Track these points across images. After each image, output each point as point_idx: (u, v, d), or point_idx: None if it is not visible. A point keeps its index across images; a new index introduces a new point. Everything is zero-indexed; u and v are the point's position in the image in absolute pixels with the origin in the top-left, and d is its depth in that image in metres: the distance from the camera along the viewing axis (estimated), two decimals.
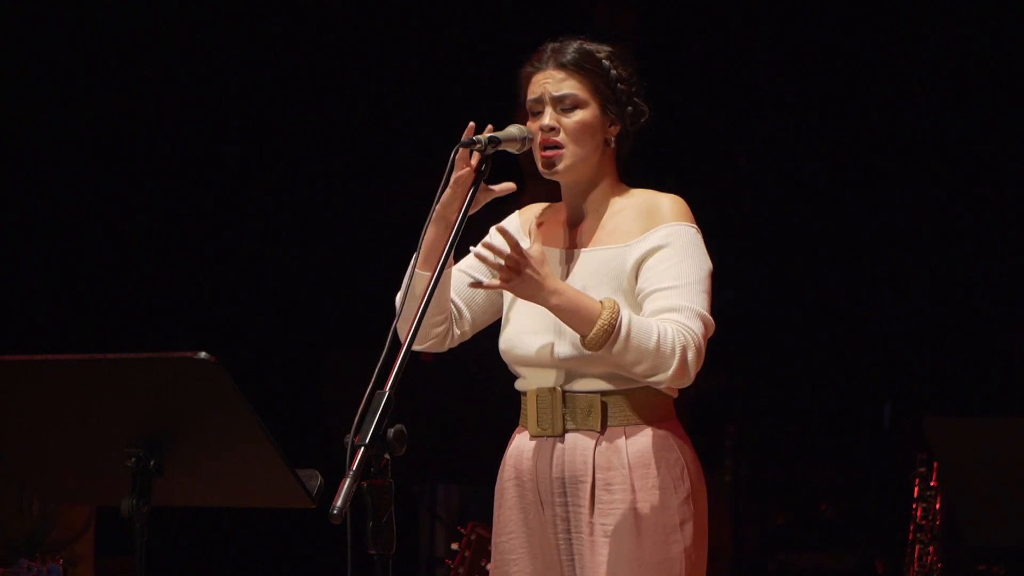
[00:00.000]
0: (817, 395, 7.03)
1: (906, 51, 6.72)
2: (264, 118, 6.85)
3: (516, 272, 3.24)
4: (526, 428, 3.49)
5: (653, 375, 3.30)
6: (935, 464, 5.26)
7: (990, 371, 6.55)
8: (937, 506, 5.33)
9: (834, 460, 7.00)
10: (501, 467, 3.54)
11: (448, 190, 3.37)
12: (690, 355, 3.29)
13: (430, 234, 3.39)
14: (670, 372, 3.29)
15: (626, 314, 3.28)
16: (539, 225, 3.52)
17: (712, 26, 6.89)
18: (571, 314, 3.28)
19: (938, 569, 5.31)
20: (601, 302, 3.28)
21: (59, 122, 6.60)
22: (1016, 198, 6.56)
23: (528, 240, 3.44)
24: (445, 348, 3.59)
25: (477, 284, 3.35)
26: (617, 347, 3.26)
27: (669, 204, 3.44)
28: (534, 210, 3.61)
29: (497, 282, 3.28)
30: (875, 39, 6.76)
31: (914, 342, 6.79)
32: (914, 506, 5.36)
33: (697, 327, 3.31)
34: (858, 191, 6.90)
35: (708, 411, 6.73)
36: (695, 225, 3.44)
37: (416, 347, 3.38)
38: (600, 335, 3.25)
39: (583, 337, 3.28)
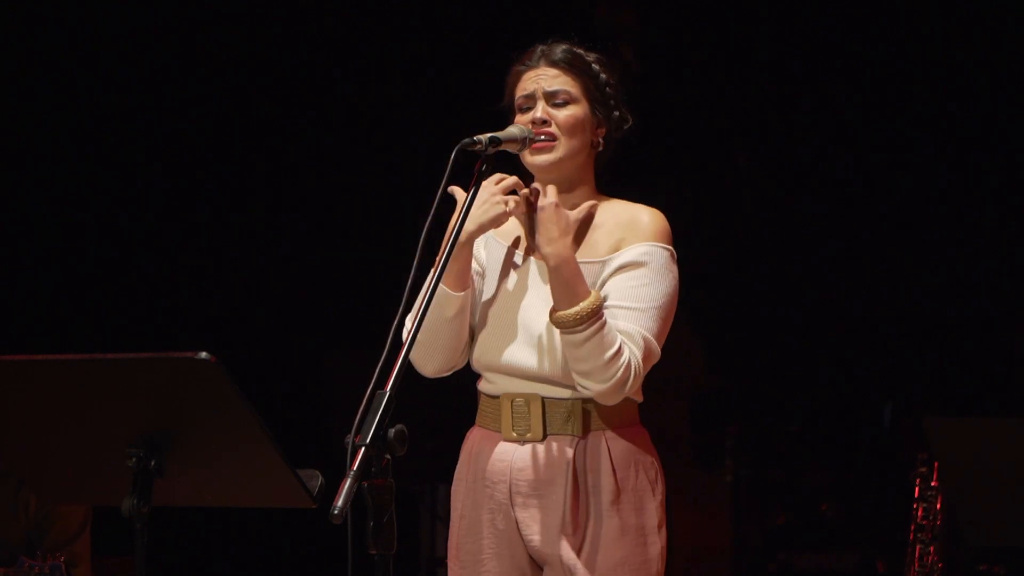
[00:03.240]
0: (817, 395, 7.03)
1: (906, 51, 6.71)
2: (264, 118, 6.85)
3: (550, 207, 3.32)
4: (490, 430, 3.48)
5: (586, 380, 3.31)
6: (935, 464, 5.26)
7: (990, 371, 6.55)
8: (938, 506, 5.33)
9: (835, 460, 7.00)
10: (459, 468, 3.54)
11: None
12: (630, 381, 3.31)
13: (463, 256, 3.40)
14: (603, 387, 3.30)
15: (602, 321, 3.29)
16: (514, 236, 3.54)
17: (712, 26, 6.89)
18: (563, 282, 3.31)
19: (939, 569, 5.31)
20: (592, 292, 3.31)
21: (59, 122, 6.60)
22: (1016, 198, 6.56)
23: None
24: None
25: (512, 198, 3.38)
26: (575, 338, 3.28)
27: (649, 219, 3.43)
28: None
29: (522, 205, 3.35)
30: (875, 39, 6.76)
31: (914, 342, 6.79)
32: (915, 506, 5.36)
33: (641, 355, 3.33)
34: (858, 191, 6.90)
35: (708, 411, 6.73)
36: (671, 247, 3.43)
37: (445, 374, 3.50)
38: (570, 318, 3.28)
39: (555, 309, 3.31)
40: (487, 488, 3.46)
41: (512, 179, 3.43)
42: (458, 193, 3.36)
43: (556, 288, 3.33)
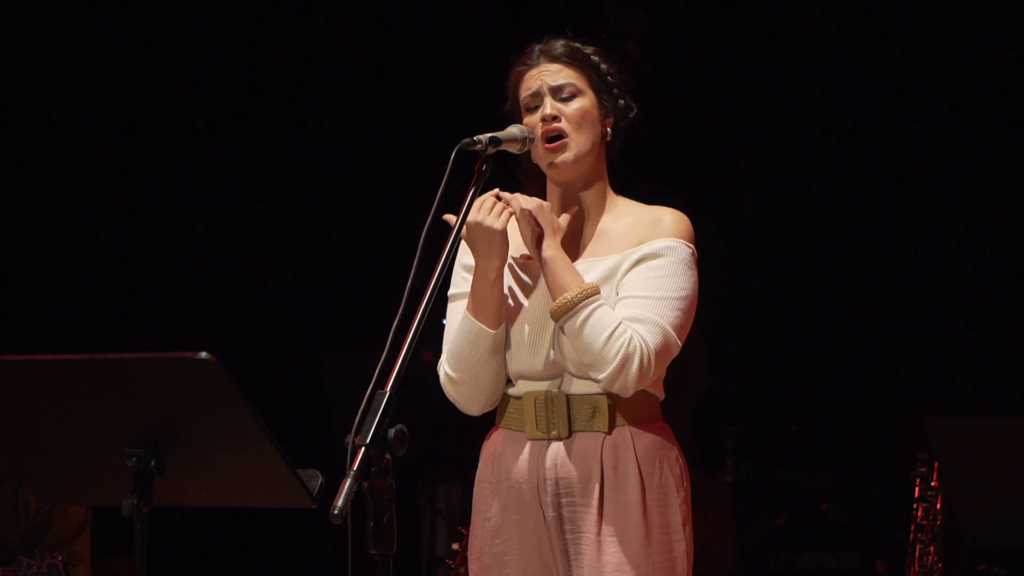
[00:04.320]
0: (818, 395, 7.03)
1: (909, 53, 6.72)
2: (265, 118, 6.85)
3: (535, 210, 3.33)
4: (514, 430, 3.46)
5: (592, 371, 3.32)
6: (936, 464, 5.26)
7: (990, 371, 6.55)
8: (938, 506, 5.33)
9: (835, 460, 7.00)
10: (481, 469, 3.51)
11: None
12: (632, 366, 3.28)
13: (496, 293, 3.40)
14: (605, 374, 3.29)
15: (595, 303, 3.30)
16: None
17: (719, 27, 6.89)
18: (554, 275, 3.33)
19: (939, 569, 5.31)
20: (584, 284, 3.31)
21: (60, 122, 6.60)
22: (1016, 198, 6.56)
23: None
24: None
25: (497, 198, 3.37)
26: (570, 327, 3.30)
27: (672, 219, 3.43)
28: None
29: (514, 204, 3.34)
30: (879, 41, 6.76)
31: (914, 342, 6.79)
32: (915, 506, 5.37)
33: (653, 341, 3.30)
34: (859, 192, 6.91)
35: (709, 411, 6.74)
36: (693, 245, 3.42)
37: (490, 409, 3.49)
38: (560, 307, 3.30)
39: (553, 303, 3.33)
40: (512, 488, 3.43)
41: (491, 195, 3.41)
42: (450, 220, 3.34)
43: (549, 282, 3.35)
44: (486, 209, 3.35)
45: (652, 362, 3.30)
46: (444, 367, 3.45)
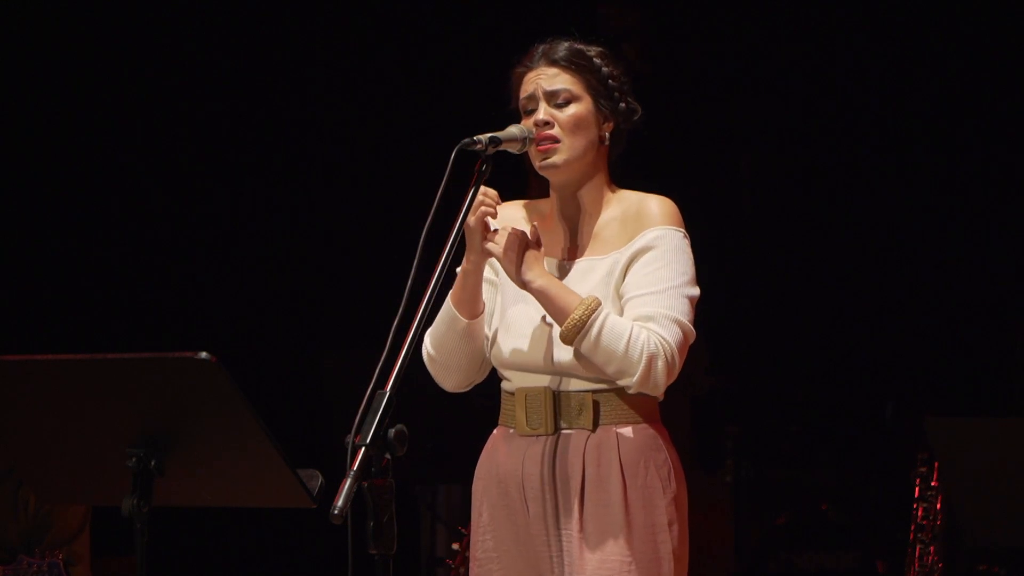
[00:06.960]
0: (818, 395, 7.03)
1: (908, 53, 6.72)
2: (264, 118, 6.85)
3: (514, 242, 3.33)
4: (509, 427, 3.48)
5: (621, 378, 3.33)
6: (936, 464, 5.27)
7: (990, 371, 6.55)
8: (938, 506, 5.34)
9: (835, 460, 7.01)
10: (479, 467, 3.53)
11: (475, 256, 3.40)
12: (658, 364, 3.29)
13: (470, 285, 3.43)
14: (635, 378, 3.30)
15: (603, 314, 3.30)
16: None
17: (716, 26, 6.89)
18: (550, 302, 3.34)
19: (939, 569, 5.31)
20: (583, 299, 3.31)
21: (59, 122, 6.60)
22: (1016, 198, 6.56)
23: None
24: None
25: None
26: (586, 345, 3.30)
27: (657, 206, 3.43)
28: (515, 207, 3.57)
29: (496, 247, 3.35)
30: (878, 42, 6.76)
31: (914, 342, 6.79)
32: (915, 506, 5.37)
33: (671, 335, 3.31)
34: (858, 191, 6.91)
35: (709, 411, 6.74)
36: (682, 229, 3.42)
37: (465, 389, 3.56)
38: (571, 330, 3.30)
39: (561, 329, 3.33)
40: (501, 485, 3.45)
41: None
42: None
43: (549, 309, 3.35)
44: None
45: (676, 356, 3.31)
46: (426, 342, 3.50)
